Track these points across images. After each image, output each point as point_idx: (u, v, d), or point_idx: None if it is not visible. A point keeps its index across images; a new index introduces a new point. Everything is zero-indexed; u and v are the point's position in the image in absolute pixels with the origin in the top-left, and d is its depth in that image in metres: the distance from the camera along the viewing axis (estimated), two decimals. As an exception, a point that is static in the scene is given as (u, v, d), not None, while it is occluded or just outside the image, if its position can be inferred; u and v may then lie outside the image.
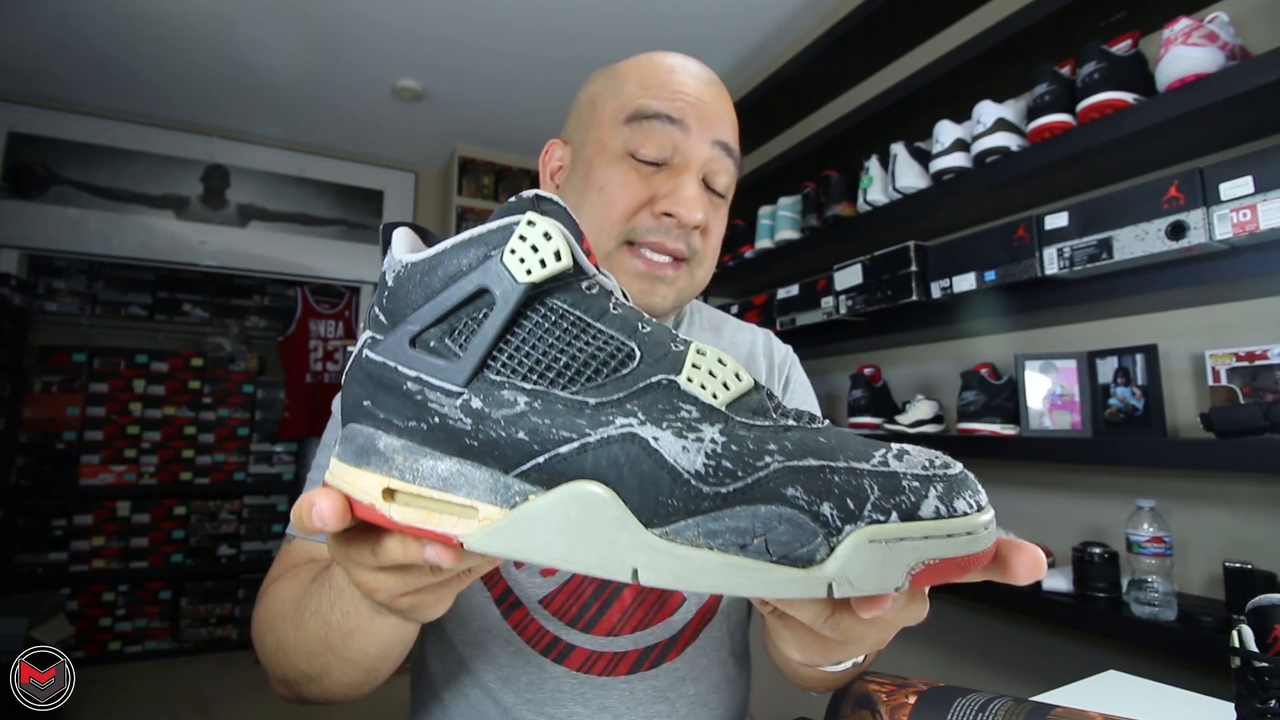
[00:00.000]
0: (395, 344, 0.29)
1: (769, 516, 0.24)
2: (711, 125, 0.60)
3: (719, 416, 0.26)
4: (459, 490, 0.27)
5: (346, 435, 0.30)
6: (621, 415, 0.26)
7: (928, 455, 0.27)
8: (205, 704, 2.53)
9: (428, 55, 2.40)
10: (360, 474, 0.28)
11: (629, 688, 0.59)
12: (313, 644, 0.43)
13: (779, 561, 0.23)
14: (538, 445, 0.26)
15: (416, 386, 0.28)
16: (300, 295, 3.52)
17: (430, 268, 0.29)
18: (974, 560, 0.25)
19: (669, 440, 0.25)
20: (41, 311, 3.06)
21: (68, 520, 2.94)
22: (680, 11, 2.12)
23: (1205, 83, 0.95)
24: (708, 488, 0.24)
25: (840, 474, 0.25)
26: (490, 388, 0.27)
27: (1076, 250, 1.10)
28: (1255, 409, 0.91)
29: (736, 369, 0.28)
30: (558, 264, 0.27)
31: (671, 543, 0.24)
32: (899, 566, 0.24)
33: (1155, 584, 1.01)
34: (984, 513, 0.25)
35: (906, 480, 0.25)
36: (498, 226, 0.28)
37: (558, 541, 0.25)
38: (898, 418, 1.51)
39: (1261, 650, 0.51)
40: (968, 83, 1.42)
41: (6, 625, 2.02)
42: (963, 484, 0.26)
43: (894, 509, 0.24)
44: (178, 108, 2.85)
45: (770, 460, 0.25)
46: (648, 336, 0.29)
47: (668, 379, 0.27)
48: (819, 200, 1.76)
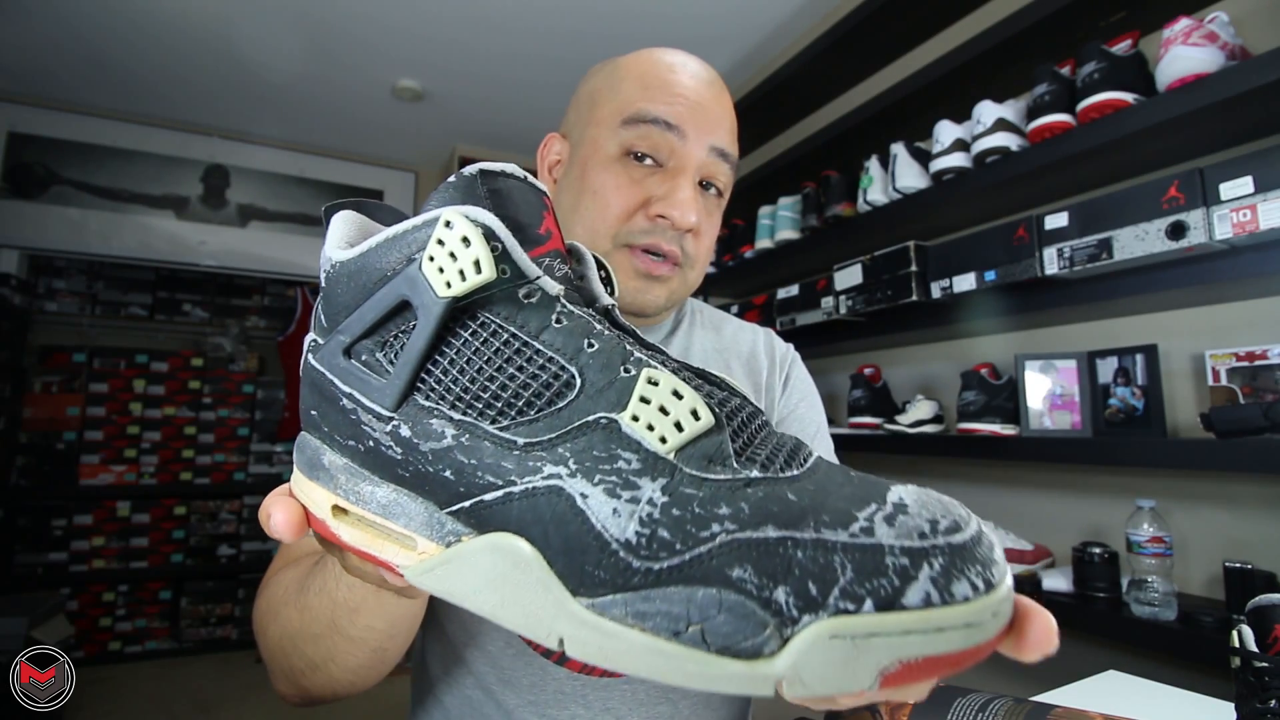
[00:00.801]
0: (330, 354, 0.26)
1: (706, 602, 0.20)
2: (709, 130, 0.60)
3: (664, 468, 0.22)
4: (398, 520, 0.25)
5: (300, 444, 0.28)
6: (551, 462, 0.23)
7: (931, 513, 0.21)
8: (205, 704, 2.53)
9: (428, 55, 2.40)
10: (313, 487, 0.27)
11: (631, 689, 0.59)
12: (319, 625, 0.43)
13: (718, 653, 0.20)
14: (463, 488, 0.23)
15: (350, 404, 0.25)
16: (300, 295, 3.52)
17: (357, 269, 0.25)
18: (971, 655, 0.20)
19: (599, 500, 0.22)
20: (41, 311, 3.06)
21: (68, 520, 2.94)
22: (680, 11, 2.12)
23: (1205, 83, 0.95)
24: (638, 561, 0.21)
25: (805, 548, 0.20)
26: (419, 414, 0.24)
27: (1076, 250, 1.10)
28: (1255, 409, 0.91)
29: (694, 404, 0.23)
30: (478, 276, 0.23)
31: (599, 617, 0.21)
32: (867, 666, 0.19)
33: (1155, 584, 1.01)
34: (993, 593, 0.20)
35: (891, 556, 0.20)
36: (421, 223, 0.24)
37: (488, 593, 0.23)
38: (898, 418, 1.51)
39: (1261, 650, 0.51)
40: (968, 83, 1.42)
41: (6, 625, 2.02)
42: (969, 555, 0.20)
43: (868, 596, 0.19)
44: (178, 108, 2.85)
45: (718, 530, 0.21)
46: (593, 358, 0.24)
47: (608, 418, 0.23)
48: (819, 200, 1.76)
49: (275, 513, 0.27)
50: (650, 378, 0.23)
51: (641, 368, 0.24)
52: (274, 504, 0.27)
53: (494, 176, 0.26)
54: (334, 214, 0.28)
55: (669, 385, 0.23)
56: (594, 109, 0.63)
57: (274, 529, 0.27)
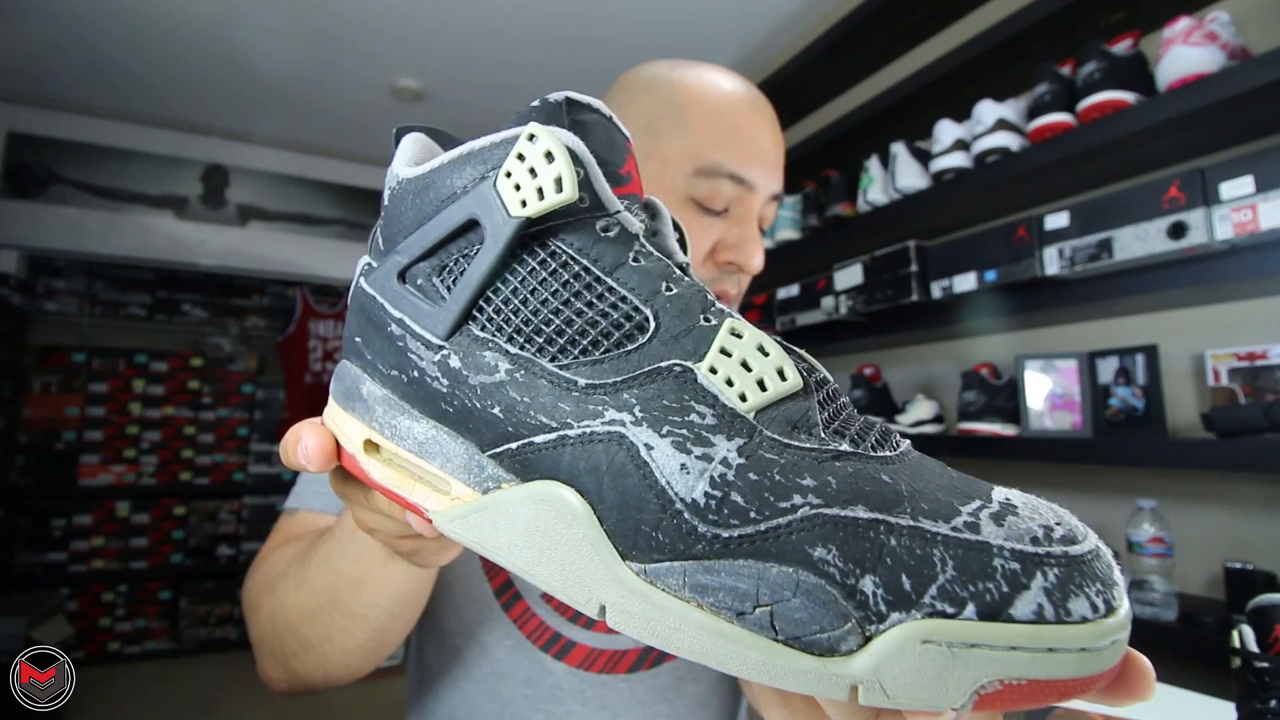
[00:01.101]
0: (384, 276, 0.24)
1: (781, 582, 0.18)
2: (774, 178, 0.61)
3: (741, 427, 0.20)
4: (434, 459, 0.23)
5: (339, 372, 0.26)
6: (614, 407, 0.20)
7: (1044, 519, 0.19)
8: (205, 704, 2.53)
9: (428, 55, 2.40)
10: (346, 419, 0.25)
11: (629, 686, 0.59)
12: (318, 600, 0.41)
13: (786, 642, 0.18)
14: (512, 427, 0.21)
15: (400, 331, 0.23)
16: (300, 295, 3.52)
17: (423, 187, 0.23)
18: (1081, 685, 0.17)
19: (665, 452, 0.19)
20: (41, 311, 3.06)
21: (67, 520, 2.94)
22: (680, 11, 2.12)
23: (1205, 83, 0.95)
24: (705, 526, 0.19)
25: (900, 536, 0.18)
26: (472, 345, 0.22)
27: (1077, 250, 1.10)
28: (1255, 409, 0.91)
29: (781, 363, 0.21)
30: (558, 195, 0.21)
31: (650, 585, 0.19)
32: (963, 681, 0.17)
33: (1155, 584, 1.01)
34: (1114, 616, 0.17)
35: (1000, 558, 0.17)
36: (501, 139, 0.22)
37: (524, 547, 0.21)
38: (898, 418, 1.51)
39: (1261, 650, 0.51)
40: (968, 83, 1.42)
41: (6, 625, 2.02)
42: (1089, 571, 0.18)
43: (971, 600, 0.17)
44: (177, 108, 2.85)
45: (801, 502, 0.18)
46: (671, 301, 0.22)
47: (682, 366, 0.21)
48: (819, 200, 1.76)
49: (307, 437, 0.25)
50: (734, 329, 0.21)
51: (724, 318, 0.22)
52: (305, 429, 0.26)
53: (580, 108, 0.23)
54: (403, 135, 0.26)
55: (754, 340, 0.21)
56: (656, 141, 0.57)
57: (303, 454, 0.25)
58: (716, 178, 0.56)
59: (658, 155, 0.58)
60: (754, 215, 0.60)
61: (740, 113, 0.60)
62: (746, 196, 0.59)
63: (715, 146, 0.56)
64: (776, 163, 0.61)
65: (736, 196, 0.58)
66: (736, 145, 0.57)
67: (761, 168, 0.59)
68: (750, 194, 0.59)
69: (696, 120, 0.57)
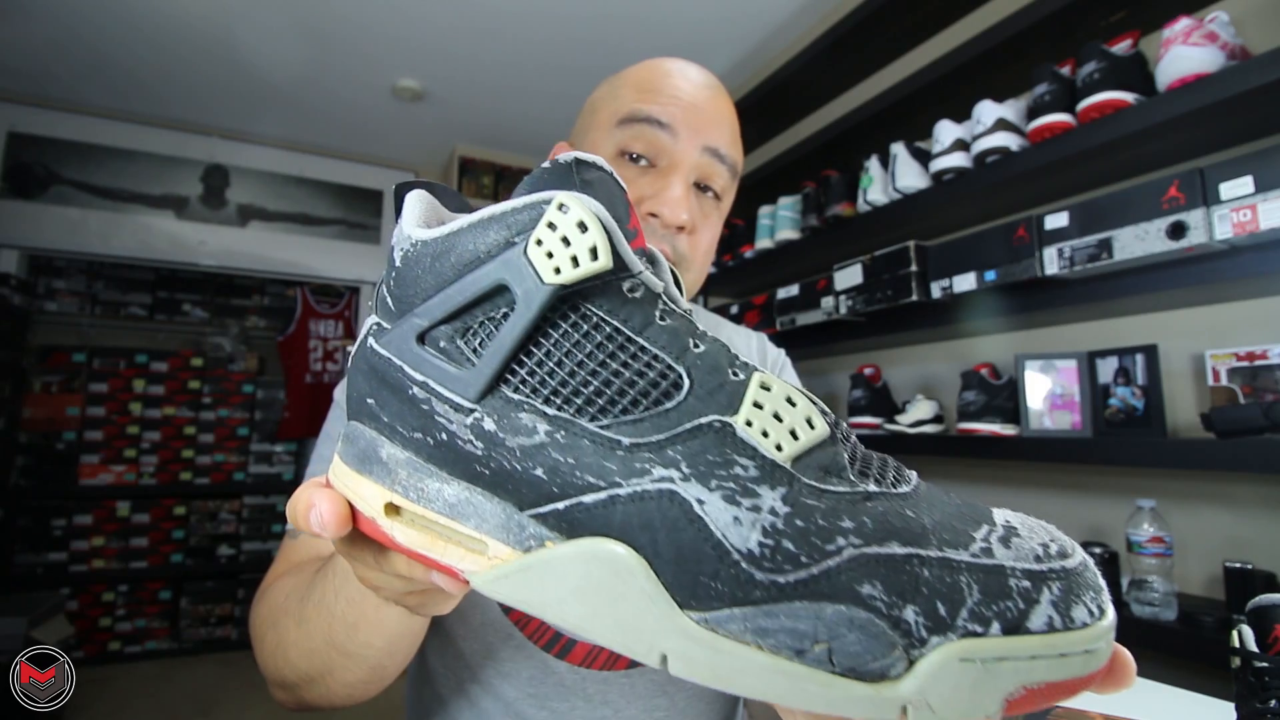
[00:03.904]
0: (401, 338, 0.24)
1: (837, 620, 0.19)
2: (702, 131, 0.60)
3: (782, 477, 0.21)
4: (467, 520, 0.23)
5: (349, 434, 0.26)
6: (660, 464, 0.21)
7: (1040, 537, 0.22)
8: (205, 704, 2.53)
9: (428, 55, 2.40)
10: (362, 481, 0.24)
11: (629, 682, 0.60)
12: (315, 640, 0.42)
13: (843, 674, 0.19)
14: (557, 488, 0.22)
15: (423, 394, 0.23)
16: (300, 295, 3.52)
17: (442, 250, 0.23)
18: (1084, 683, 0.20)
19: (717, 506, 0.20)
20: (41, 311, 3.06)
21: (67, 520, 2.93)
22: (680, 11, 2.12)
23: (1205, 83, 0.95)
24: (762, 574, 0.20)
25: (932, 567, 0.20)
26: (506, 408, 0.22)
27: (1076, 250, 1.10)
28: (1255, 409, 0.91)
29: (809, 412, 0.22)
30: (593, 264, 0.22)
31: (712, 633, 0.20)
32: (995, 691, 0.19)
33: (1155, 584, 1.01)
34: (1105, 618, 0.20)
35: (1014, 578, 0.20)
36: (524, 205, 0.23)
37: (574, 603, 0.21)
38: (898, 418, 1.51)
39: (1261, 650, 0.51)
40: (968, 83, 1.42)
41: (6, 625, 2.02)
42: (1083, 581, 0.21)
43: (995, 618, 0.19)
44: (177, 108, 2.85)
45: (844, 544, 0.20)
46: (700, 359, 0.23)
47: (721, 421, 0.22)
48: (819, 200, 1.76)
49: (320, 503, 0.24)
50: (763, 383, 0.23)
51: (750, 372, 0.23)
52: (317, 495, 0.25)
53: (587, 167, 0.24)
54: (405, 193, 0.26)
55: (782, 392, 0.22)
56: (594, 115, 0.63)
57: (317, 521, 0.24)
58: (634, 123, 0.59)
59: (594, 125, 0.62)
60: (680, 166, 0.59)
61: (664, 72, 0.62)
62: (670, 145, 0.59)
63: (636, 99, 0.60)
64: (709, 117, 0.61)
65: (661, 147, 0.59)
66: (655, 94, 0.60)
67: (682, 114, 0.59)
68: (673, 141, 0.59)
69: (625, 86, 0.62)
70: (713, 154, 0.61)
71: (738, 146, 0.64)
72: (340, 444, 0.26)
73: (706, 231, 0.63)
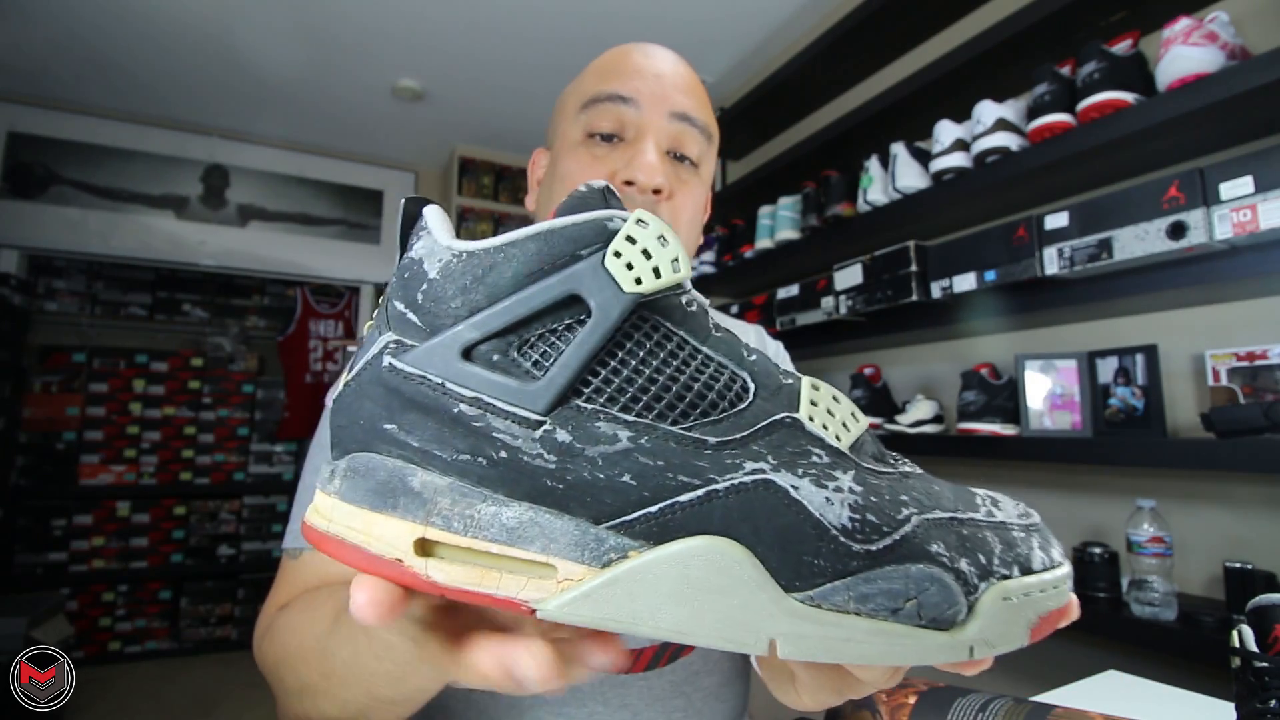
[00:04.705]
0: (440, 354, 0.23)
1: (921, 577, 0.22)
2: (666, 98, 0.59)
3: (848, 462, 0.24)
4: (531, 544, 0.21)
5: (357, 468, 0.23)
6: (749, 459, 0.22)
7: (1011, 502, 0.26)
8: (205, 704, 2.53)
9: (428, 55, 2.40)
10: (379, 520, 0.22)
11: (647, 684, 0.59)
12: (350, 692, 0.37)
13: (928, 626, 0.22)
14: (649, 492, 0.22)
15: (475, 410, 0.22)
16: (300, 295, 3.52)
17: (496, 263, 0.23)
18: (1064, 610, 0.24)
19: (809, 489, 0.22)
20: (41, 311, 3.06)
21: (67, 520, 2.94)
22: (680, 11, 2.12)
23: (1205, 83, 0.95)
24: (857, 545, 0.22)
25: (966, 526, 0.23)
26: (580, 418, 0.22)
27: (1076, 250, 1.10)
28: (1255, 409, 0.91)
29: (851, 408, 0.25)
30: (675, 275, 0.23)
31: (817, 609, 0.21)
32: (1022, 623, 0.23)
33: (1155, 584, 1.01)
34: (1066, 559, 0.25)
35: (1016, 532, 0.24)
36: (585, 221, 0.23)
37: (672, 607, 0.21)
38: (898, 418, 1.51)
39: (1261, 650, 0.51)
40: (968, 83, 1.42)
41: (6, 625, 2.02)
42: (1046, 533, 0.26)
43: (1015, 563, 0.23)
44: (177, 108, 2.85)
45: (909, 513, 0.23)
46: (755, 365, 0.25)
47: (792, 417, 0.24)
48: (819, 200, 1.76)
49: (359, 592, 0.21)
50: (812, 384, 0.25)
51: (797, 376, 0.26)
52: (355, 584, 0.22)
53: (612, 194, 0.25)
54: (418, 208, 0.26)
55: (828, 392, 0.25)
56: (562, 107, 0.64)
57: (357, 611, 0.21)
58: (597, 103, 0.59)
59: (562, 117, 0.63)
60: (647, 134, 0.59)
61: (623, 53, 0.62)
62: (634, 117, 0.59)
63: (597, 83, 0.60)
64: (671, 84, 0.60)
65: (626, 119, 0.59)
66: (614, 72, 0.60)
67: (644, 86, 0.59)
68: (638, 112, 0.58)
69: (587, 74, 0.63)
70: (680, 118, 0.60)
71: (708, 111, 0.63)
72: (340, 482, 0.23)
73: (687, 199, 0.61)
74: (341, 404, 0.24)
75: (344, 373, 0.26)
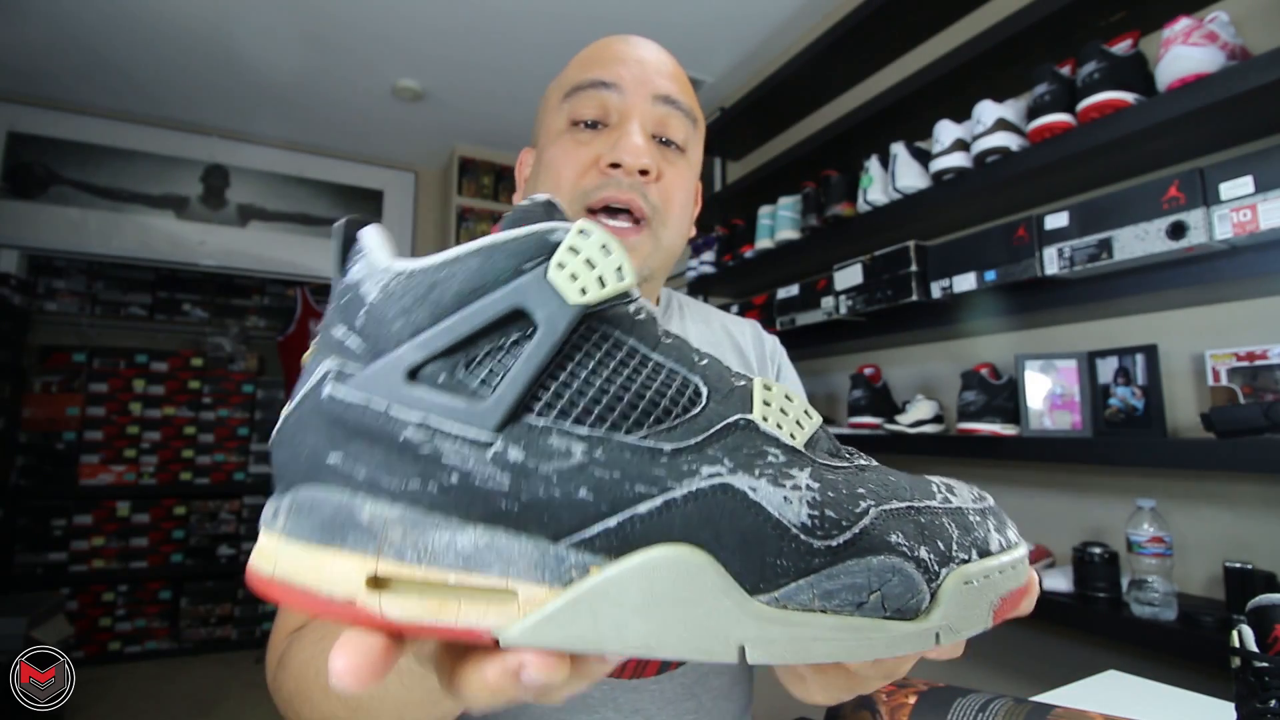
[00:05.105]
0: (384, 378, 0.22)
1: (883, 568, 0.22)
2: (649, 81, 0.59)
3: (803, 459, 0.24)
4: (489, 569, 0.21)
5: (301, 504, 0.22)
6: (705, 463, 0.22)
7: (966, 487, 0.27)
8: (205, 704, 2.53)
9: (428, 55, 2.40)
10: (328, 557, 0.21)
11: (659, 688, 0.59)
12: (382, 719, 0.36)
13: (893, 617, 0.22)
14: (606, 505, 0.21)
15: (423, 435, 0.21)
16: (300, 295, 3.52)
17: (438, 281, 0.22)
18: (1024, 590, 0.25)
19: (767, 490, 0.22)
20: (41, 311, 3.06)
21: (67, 520, 2.94)
22: (680, 12, 2.12)
23: (1205, 83, 0.95)
24: (819, 542, 0.22)
25: (924, 514, 0.24)
26: (533, 434, 0.22)
27: (1076, 250, 1.10)
28: (1255, 409, 0.91)
29: (803, 405, 0.25)
30: (620, 283, 0.22)
31: (783, 609, 0.21)
32: (984, 605, 0.23)
33: (1155, 584, 1.01)
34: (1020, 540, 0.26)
35: (972, 515, 0.25)
36: (526, 234, 0.23)
37: (638, 622, 0.20)
38: (898, 418, 1.51)
39: (1261, 650, 0.51)
40: (968, 83, 1.42)
41: (6, 625, 2.02)
42: (1000, 514, 0.26)
43: (973, 546, 0.24)
44: (177, 108, 2.85)
45: (866, 506, 0.23)
46: (706, 369, 0.25)
47: (745, 419, 0.24)
48: (819, 200, 1.76)
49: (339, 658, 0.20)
50: (764, 384, 0.25)
51: (748, 378, 0.26)
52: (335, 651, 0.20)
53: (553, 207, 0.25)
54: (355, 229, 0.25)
55: (780, 391, 0.25)
56: (545, 102, 0.64)
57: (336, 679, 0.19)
58: (580, 91, 0.59)
59: (545, 111, 0.64)
60: (632, 117, 0.58)
61: (603, 44, 0.63)
62: (618, 102, 0.59)
63: (579, 73, 0.61)
64: (653, 68, 0.60)
65: (609, 104, 0.59)
66: (596, 61, 0.61)
67: (625, 71, 0.59)
68: (621, 97, 0.58)
69: (569, 67, 0.63)
70: (664, 101, 0.60)
71: (691, 97, 0.63)
72: (282, 519, 0.22)
73: (677, 180, 0.61)
74: (282, 438, 0.23)
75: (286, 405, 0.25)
